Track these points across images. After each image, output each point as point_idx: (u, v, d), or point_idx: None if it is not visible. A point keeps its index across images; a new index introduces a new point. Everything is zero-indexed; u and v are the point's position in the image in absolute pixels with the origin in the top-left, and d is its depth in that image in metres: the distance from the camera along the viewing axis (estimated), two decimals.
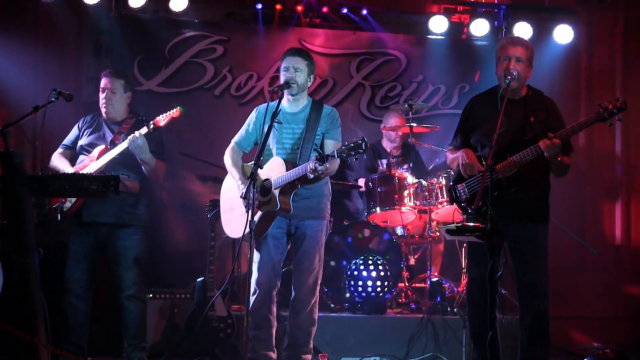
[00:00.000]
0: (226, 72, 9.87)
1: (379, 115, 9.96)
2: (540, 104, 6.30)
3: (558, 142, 5.83)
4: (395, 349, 7.79)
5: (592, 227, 10.33)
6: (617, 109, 5.78)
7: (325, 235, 6.66)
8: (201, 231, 8.66)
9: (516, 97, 6.27)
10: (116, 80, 7.29)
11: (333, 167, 6.44)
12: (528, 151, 5.94)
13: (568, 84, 10.24)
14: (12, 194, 4.89)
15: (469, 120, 6.49)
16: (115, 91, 7.26)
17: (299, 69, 6.54)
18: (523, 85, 6.31)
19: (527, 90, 6.35)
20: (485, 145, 6.23)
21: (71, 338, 7.03)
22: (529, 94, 6.33)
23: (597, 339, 9.57)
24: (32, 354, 4.77)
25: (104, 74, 7.38)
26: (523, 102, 6.27)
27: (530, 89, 6.37)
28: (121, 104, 7.33)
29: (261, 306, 6.50)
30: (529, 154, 5.94)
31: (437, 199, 8.51)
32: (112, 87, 7.26)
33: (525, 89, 6.35)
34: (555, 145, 5.82)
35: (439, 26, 10.05)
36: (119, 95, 7.29)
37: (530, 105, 6.25)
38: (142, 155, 6.98)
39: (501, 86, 6.14)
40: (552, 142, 5.81)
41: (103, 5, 9.38)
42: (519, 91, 6.30)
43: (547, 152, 5.84)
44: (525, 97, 6.31)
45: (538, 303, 6.13)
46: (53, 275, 7.22)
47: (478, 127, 6.33)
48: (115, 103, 7.27)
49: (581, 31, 10.30)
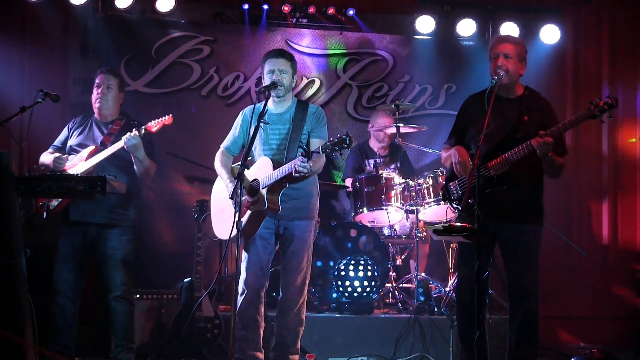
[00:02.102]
0: (213, 72, 9.87)
1: (365, 116, 9.97)
2: (536, 104, 6.29)
3: (550, 140, 5.82)
4: (382, 349, 7.80)
5: (580, 227, 10.37)
6: (607, 106, 5.75)
7: (313, 235, 6.67)
8: (188, 231, 8.69)
9: (511, 95, 6.28)
10: (113, 78, 7.31)
11: (319, 164, 6.44)
12: (519, 148, 5.94)
13: (554, 83, 10.26)
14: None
15: (464, 119, 6.50)
16: (111, 88, 7.28)
17: (284, 70, 6.55)
18: (515, 81, 6.29)
19: (524, 90, 6.35)
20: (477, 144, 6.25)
21: (59, 339, 7.02)
22: (525, 93, 6.33)
23: (584, 339, 9.59)
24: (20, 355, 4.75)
25: (101, 70, 7.41)
26: (518, 101, 6.27)
27: (527, 89, 6.36)
28: (114, 102, 7.33)
29: (249, 307, 6.51)
30: (521, 151, 5.94)
31: (424, 199, 8.53)
32: (108, 83, 7.27)
33: (521, 89, 6.34)
34: (547, 143, 5.83)
35: (426, 26, 10.06)
36: (114, 92, 7.30)
37: (525, 104, 6.24)
38: (137, 153, 6.97)
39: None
40: (543, 140, 5.81)
41: (89, 5, 9.38)
42: (514, 89, 6.30)
43: (538, 149, 5.84)
44: (521, 96, 6.30)
45: (528, 303, 6.13)
46: (41, 276, 7.20)
47: (472, 125, 6.34)
48: (110, 99, 7.28)
49: (567, 31, 10.33)
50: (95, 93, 7.31)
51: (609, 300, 10.09)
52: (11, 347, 4.69)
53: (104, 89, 7.26)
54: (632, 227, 10.27)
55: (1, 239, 4.77)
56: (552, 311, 9.41)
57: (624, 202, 10.33)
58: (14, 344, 4.69)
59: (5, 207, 4.83)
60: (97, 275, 7.43)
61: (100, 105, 7.27)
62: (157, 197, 9.55)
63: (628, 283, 10.09)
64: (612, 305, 10.05)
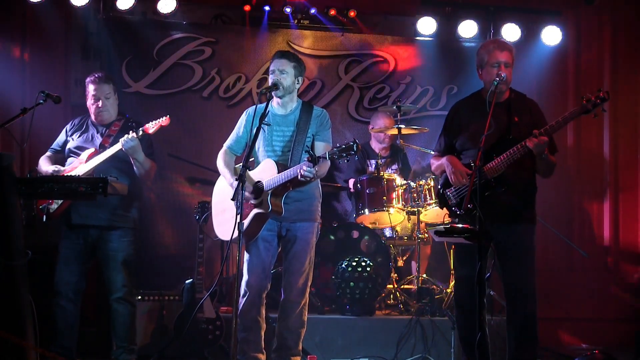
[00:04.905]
0: (214, 73, 9.87)
1: (367, 117, 9.96)
2: (523, 105, 6.39)
3: (545, 139, 5.87)
4: (383, 351, 7.79)
5: (581, 228, 10.36)
6: (600, 99, 5.79)
7: (315, 237, 6.66)
8: (190, 233, 8.69)
9: (500, 99, 6.31)
10: (107, 86, 7.23)
11: (324, 169, 6.44)
12: (515, 150, 5.98)
13: (556, 85, 10.27)
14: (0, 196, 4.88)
15: (454, 124, 6.55)
16: (109, 97, 7.23)
17: (284, 71, 6.52)
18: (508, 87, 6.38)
19: (510, 92, 6.42)
20: (469, 148, 6.32)
21: (60, 340, 7.01)
22: (512, 96, 6.41)
23: (585, 340, 9.55)
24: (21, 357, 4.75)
25: (92, 80, 7.26)
26: (507, 104, 6.33)
27: (512, 91, 6.44)
28: (114, 108, 7.31)
29: (251, 308, 6.50)
30: (517, 152, 5.98)
31: (426, 201, 8.54)
32: (106, 92, 7.21)
33: (508, 92, 6.41)
34: (543, 142, 5.86)
35: (427, 28, 10.06)
36: (112, 100, 7.26)
37: (514, 106, 6.32)
38: (136, 155, 6.95)
39: (487, 89, 6.19)
40: (539, 139, 5.84)
41: (91, 7, 9.36)
42: (503, 94, 6.36)
43: (535, 149, 5.87)
44: (509, 99, 6.38)
45: (525, 304, 6.16)
46: (42, 278, 7.20)
47: (464, 130, 6.39)
48: (110, 108, 7.25)
49: (569, 32, 10.33)
50: (92, 102, 7.24)
51: (610, 301, 10.07)
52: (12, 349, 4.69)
53: (103, 100, 7.19)
54: (633, 228, 10.25)
55: (2, 241, 4.78)
56: (553, 312, 9.40)
57: (625, 203, 10.31)
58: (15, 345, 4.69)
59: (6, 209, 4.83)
60: (98, 277, 7.42)
61: (102, 117, 7.23)
62: (159, 199, 9.55)
63: (629, 284, 10.08)
64: (613, 307, 10.03)
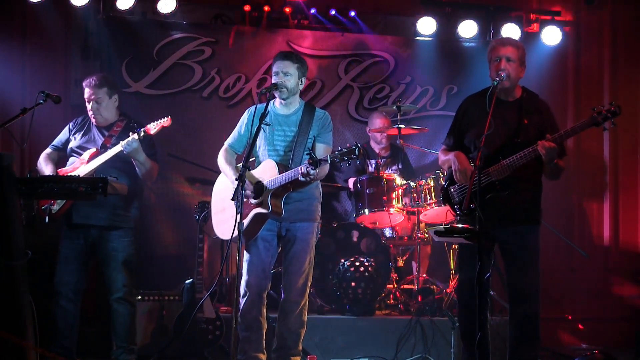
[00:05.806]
0: (214, 73, 9.88)
1: (367, 117, 9.92)
2: (534, 106, 6.26)
3: (554, 146, 5.80)
4: (383, 351, 7.79)
5: (581, 228, 10.36)
6: (611, 114, 5.68)
7: (315, 237, 6.65)
8: (190, 233, 8.68)
9: (510, 98, 6.26)
10: (99, 90, 7.18)
11: (324, 171, 6.44)
12: (524, 153, 5.90)
13: (556, 85, 10.27)
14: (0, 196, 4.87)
15: (463, 121, 6.47)
16: (101, 100, 7.18)
17: (288, 73, 6.50)
18: (516, 85, 6.27)
19: (522, 92, 6.32)
20: (477, 146, 6.24)
21: (60, 340, 7.00)
22: (524, 95, 6.30)
23: (585, 340, 9.57)
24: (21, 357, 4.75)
25: (85, 83, 7.26)
26: (517, 104, 6.24)
27: (525, 90, 6.34)
28: (109, 111, 7.25)
29: (251, 308, 6.50)
30: (525, 156, 5.91)
31: (426, 201, 8.54)
32: (97, 97, 7.17)
33: (520, 91, 6.32)
34: (553, 148, 5.80)
35: (427, 28, 10.06)
36: (105, 102, 7.21)
37: (525, 107, 6.22)
38: (137, 156, 6.94)
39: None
40: (549, 146, 5.78)
41: (91, 7, 9.37)
42: (513, 92, 6.28)
43: (546, 154, 5.81)
44: (520, 99, 6.28)
45: (528, 305, 6.13)
46: (42, 278, 7.20)
47: (472, 128, 6.32)
48: (103, 111, 7.20)
49: (569, 33, 10.33)
50: (87, 107, 7.25)
51: (610, 301, 10.07)
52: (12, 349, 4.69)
53: (94, 104, 7.17)
54: (633, 228, 10.26)
55: (2, 241, 4.78)
56: (553, 312, 9.41)
57: (625, 203, 10.31)
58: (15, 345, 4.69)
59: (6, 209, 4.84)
60: (98, 277, 7.42)
61: (96, 120, 7.22)
62: (159, 199, 9.56)
63: (629, 284, 10.07)
64: (614, 307, 10.03)
